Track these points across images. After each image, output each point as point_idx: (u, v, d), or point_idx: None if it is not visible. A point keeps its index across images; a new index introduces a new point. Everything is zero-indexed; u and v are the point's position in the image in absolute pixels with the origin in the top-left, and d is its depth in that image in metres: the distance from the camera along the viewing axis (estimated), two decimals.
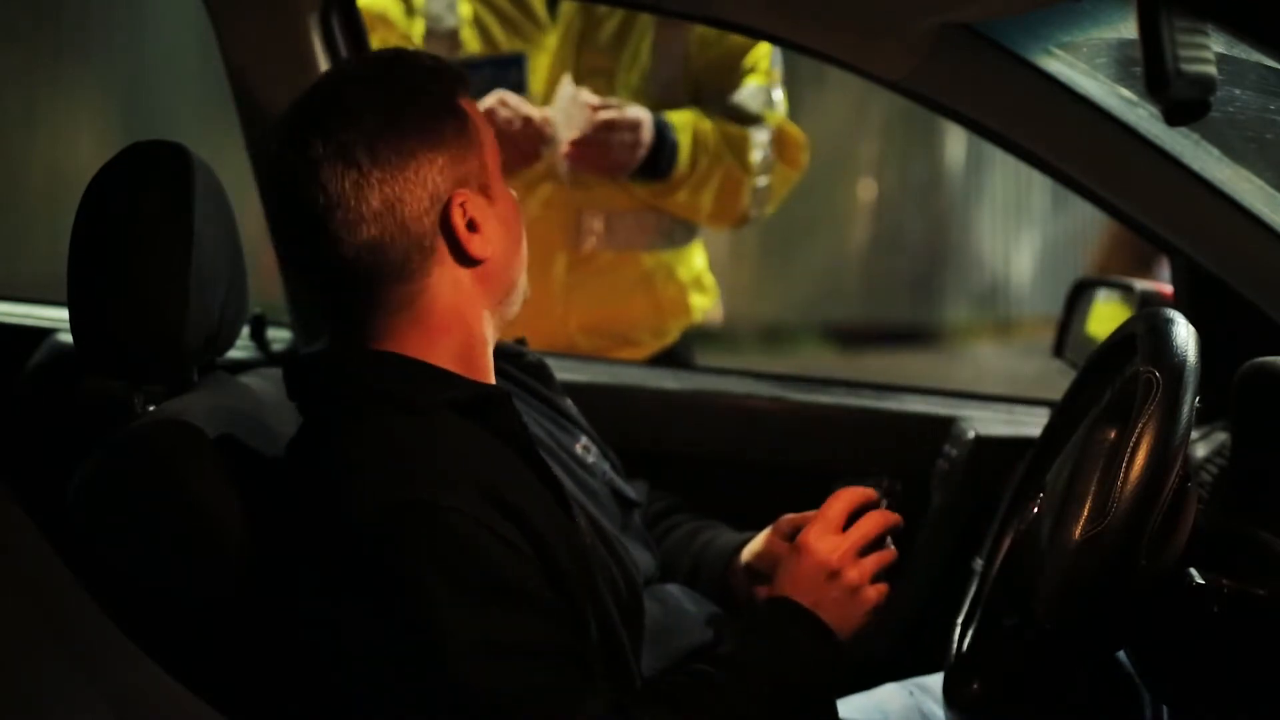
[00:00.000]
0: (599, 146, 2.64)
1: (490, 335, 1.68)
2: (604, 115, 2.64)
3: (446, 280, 1.62)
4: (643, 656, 1.70)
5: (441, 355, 1.63)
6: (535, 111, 2.65)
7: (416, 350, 1.62)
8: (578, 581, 1.58)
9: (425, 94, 1.60)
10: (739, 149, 2.74)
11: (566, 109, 2.65)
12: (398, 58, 1.65)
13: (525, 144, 2.64)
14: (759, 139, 2.76)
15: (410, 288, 1.60)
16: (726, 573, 1.89)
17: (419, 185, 1.58)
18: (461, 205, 1.60)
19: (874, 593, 1.69)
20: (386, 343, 1.62)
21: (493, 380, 1.69)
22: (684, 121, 2.71)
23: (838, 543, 1.69)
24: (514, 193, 1.71)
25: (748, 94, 2.77)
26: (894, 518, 1.72)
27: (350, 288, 1.60)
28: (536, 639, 1.50)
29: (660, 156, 2.68)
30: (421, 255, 1.59)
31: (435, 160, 1.58)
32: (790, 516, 1.85)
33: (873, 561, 1.69)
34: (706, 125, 2.72)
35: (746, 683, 1.60)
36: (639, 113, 2.66)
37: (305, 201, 1.57)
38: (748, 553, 1.88)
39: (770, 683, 1.61)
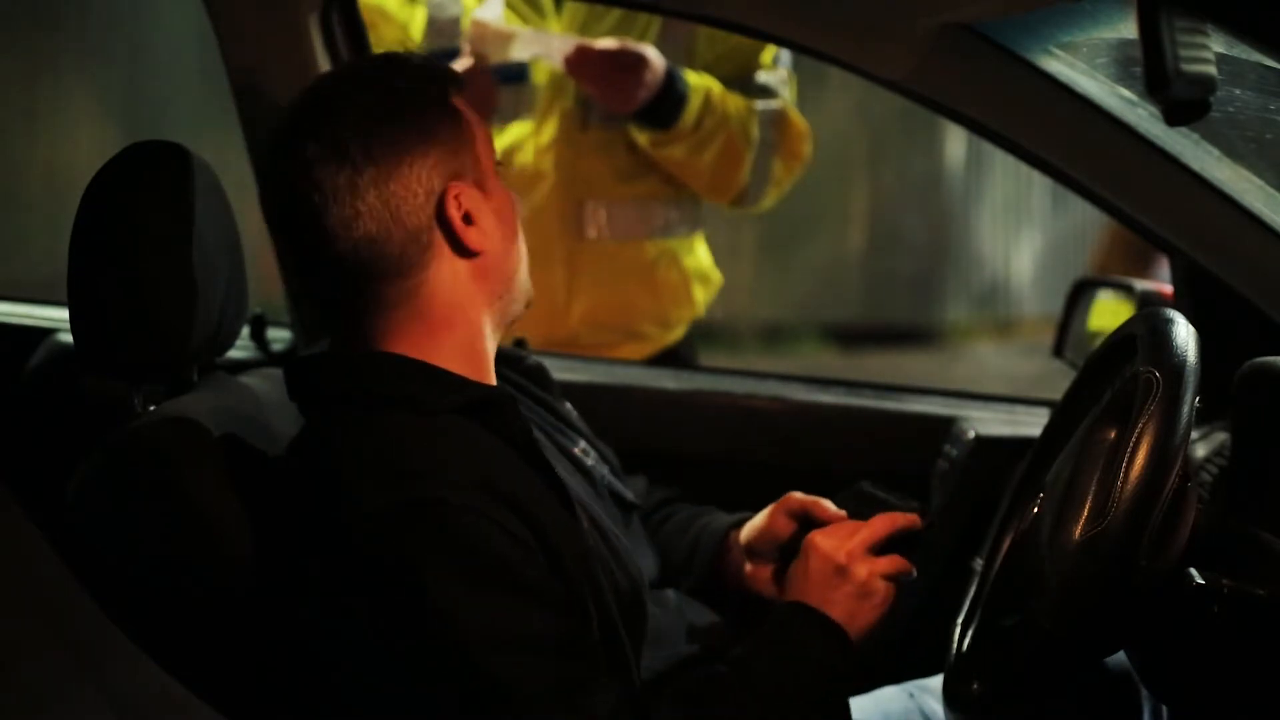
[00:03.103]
0: (600, 63, 2.63)
1: (491, 333, 1.69)
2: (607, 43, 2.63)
3: (445, 274, 1.63)
4: (643, 658, 1.70)
5: (445, 354, 1.64)
6: (463, 61, 2.64)
7: (419, 349, 1.63)
8: (582, 581, 1.58)
9: (417, 92, 1.63)
10: (744, 120, 2.74)
11: (533, 40, 2.64)
12: (390, 60, 1.68)
13: (471, 94, 2.64)
14: (763, 116, 2.76)
15: (409, 282, 1.62)
16: (720, 549, 1.89)
17: (413, 180, 1.60)
18: (456, 198, 1.62)
19: (885, 589, 1.69)
20: (389, 342, 1.63)
21: (494, 379, 1.70)
22: (698, 81, 2.70)
23: (844, 540, 1.70)
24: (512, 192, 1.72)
25: (759, 78, 2.78)
26: (909, 518, 1.73)
27: (350, 284, 1.61)
28: (552, 633, 1.51)
29: (666, 104, 2.67)
30: (419, 248, 1.61)
31: (428, 155, 1.60)
32: (797, 495, 1.85)
33: (885, 562, 1.70)
34: (719, 89, 2.72)
35: (757, 683, 1.60)
36: (650, 52, 2.65)
37: (301, 200, 1.59)
38: (749, 529, 1.88)
39: (781, 684, 1.62)
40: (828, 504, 1.83)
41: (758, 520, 1.88)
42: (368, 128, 1.59)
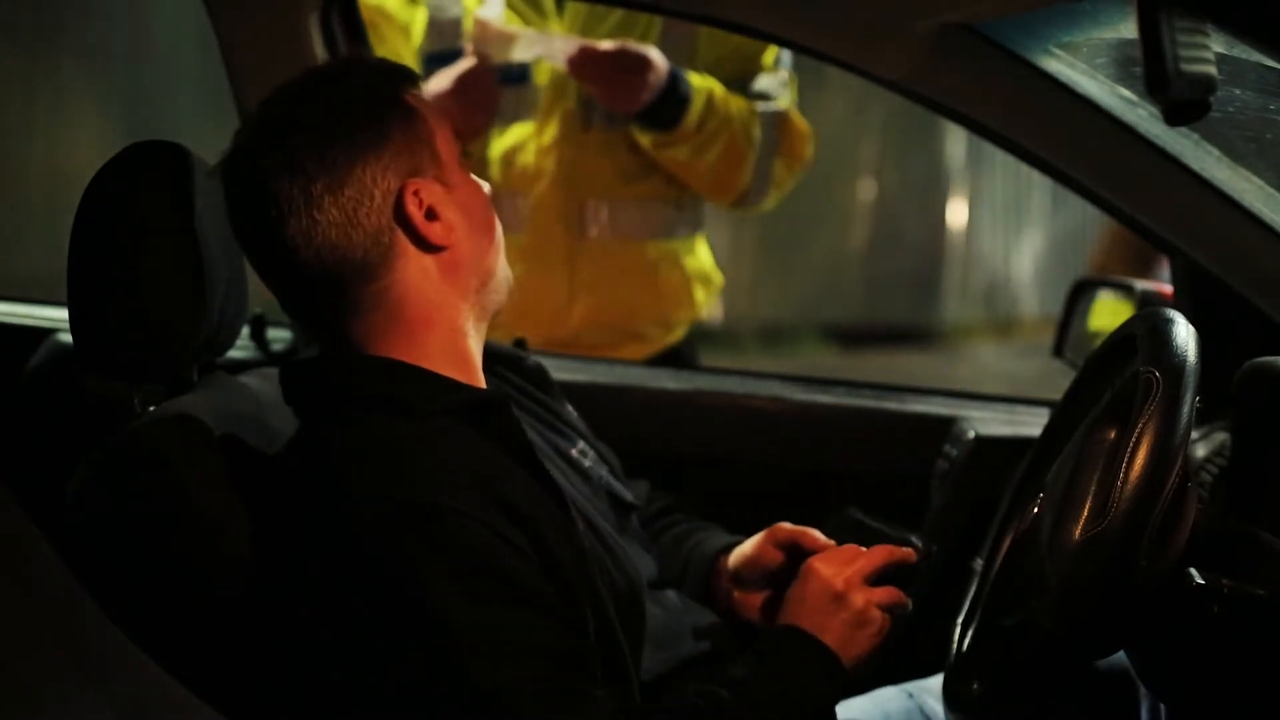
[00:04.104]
0: (603, 63, 2.63)
1: (473, 329, 1.69)
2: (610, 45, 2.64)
3: (413, 272, 1.63)
4: (643, 659, 1.70)
5: (430, 355, 1.64)
6: (466, 62, 2.65)
7: (404, 352, 1.63)
8: (579, 585, 1.58)
9: (366, 95, 1.63)
10: (746, 121, 2.74)
11: (535, 41, 2.65)
12: (340, 67, 1.71)
13: (476, 95, 2.65)
14: (765, 117, 2.76)
15: (378, 284, 1.62)
16: (709, 574, 1.89)
17: (368, 181, 1.60)
18: (415, 194, 1.62)
19: (881, 620, 1.69)
20: (372, 347, 1.64)
21: (482, 378, 1.70)
22: (700, 82, 2.71)
23: (843, 567, 1.70)
24: (484, 184, 1.72)
25: (760, 80, 2.78)
26: (905, 552, 1.73)
27: (321, 293, 1.62)
28: (547, 642, 1.51)
29: (669, 105, 2.67)
30: (381, 250, 1.61)
31: (381, 157, 1.61)
32: (786, 526, 1.85)
33: (883, 592, 1.70)
34: (721, 91, 2.73)
35: (751, 706, 1.60)
36: (653, 53, 2.65)
37: (260, 213, 1.60)
38: (737, 556, 1.88)
39: (774, 707, 1.62)
40: (816, 534, 1.83)
41: (746, 548, 1.88)
42: (318, 136, 1.60)
